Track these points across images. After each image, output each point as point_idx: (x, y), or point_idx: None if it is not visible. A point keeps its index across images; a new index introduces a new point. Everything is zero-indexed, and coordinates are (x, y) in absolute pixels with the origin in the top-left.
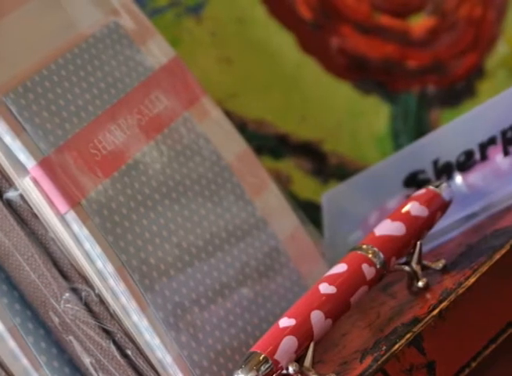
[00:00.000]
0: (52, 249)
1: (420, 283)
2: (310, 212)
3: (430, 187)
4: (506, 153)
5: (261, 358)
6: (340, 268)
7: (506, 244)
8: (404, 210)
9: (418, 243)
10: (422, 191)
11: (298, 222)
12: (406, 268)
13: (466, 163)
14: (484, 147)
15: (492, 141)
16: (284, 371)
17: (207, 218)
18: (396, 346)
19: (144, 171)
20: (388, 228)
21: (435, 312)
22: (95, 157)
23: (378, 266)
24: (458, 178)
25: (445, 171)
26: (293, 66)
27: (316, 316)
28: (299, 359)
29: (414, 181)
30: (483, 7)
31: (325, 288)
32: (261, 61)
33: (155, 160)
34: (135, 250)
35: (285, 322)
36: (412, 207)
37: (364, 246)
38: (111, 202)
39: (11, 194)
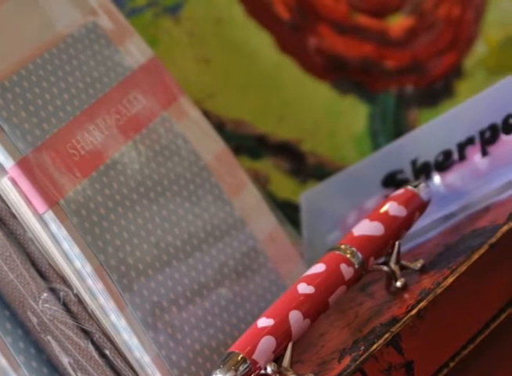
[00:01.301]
0: (30, 249)
1: (399, 283)
2: (288, 212)
3: (409, 187)
4: (484, 154)
5: (239, 358)
6: (319, 268)
7: (484, 244)
8: (382, 210)
9: (396, 243)
10: (400, 191)
11: (276, 222)
12: (385, 268)
13: (444, 163)
14: (462, 147)
15: (470, 141)
16: (262, 371)
17: (185, 218)
18: (374, 346)
19: (122, 171)
20: (367, 228)
21: (413, 312)
22: (74, 156)
23: (356, 266)
24: (436, 178)
25: (423, 171)
26: (271, 67)
27: (294, 316)
28: (277, 359)
29: (392, 181)
30: (461, 7)
31: (303, 288)
32: (239, 61)
33: (133, 160)
34: (113, 250)
35: (263, 322)
36: (391, 207)
37: (342, 246)
38: (89, 202)
39: None
